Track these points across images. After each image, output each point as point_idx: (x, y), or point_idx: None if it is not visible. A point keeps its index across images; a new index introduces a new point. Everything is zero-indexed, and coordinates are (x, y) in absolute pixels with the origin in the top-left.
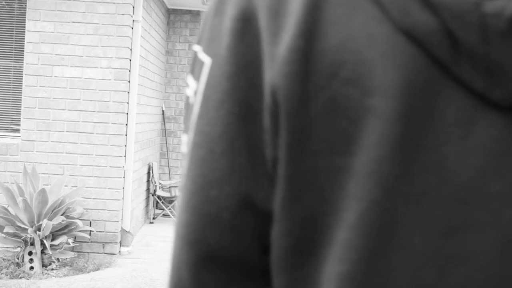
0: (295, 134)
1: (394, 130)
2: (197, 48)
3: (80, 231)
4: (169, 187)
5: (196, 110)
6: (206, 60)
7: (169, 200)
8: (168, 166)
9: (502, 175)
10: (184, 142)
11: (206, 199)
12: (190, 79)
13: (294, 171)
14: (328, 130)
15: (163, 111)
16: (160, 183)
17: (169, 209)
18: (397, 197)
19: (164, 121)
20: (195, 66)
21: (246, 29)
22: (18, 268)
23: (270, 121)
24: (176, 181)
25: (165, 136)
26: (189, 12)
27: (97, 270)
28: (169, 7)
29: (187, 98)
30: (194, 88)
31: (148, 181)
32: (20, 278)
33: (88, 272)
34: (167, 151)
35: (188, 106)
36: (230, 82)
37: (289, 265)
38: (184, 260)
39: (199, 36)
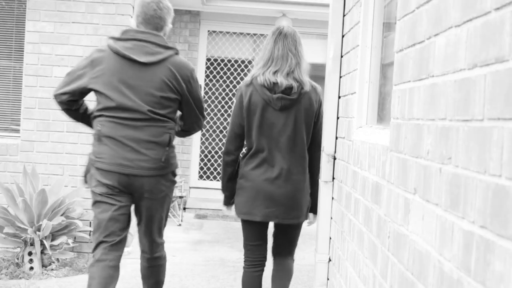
0: (247, 111)
1: (263, 116)
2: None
3: (80, 231)
4: None
5: (233, 108)
6: (236, 100)
7: None
8: None
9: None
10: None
11: (233, 132)
12: (234, 103)
13: (247, 115)
14: (250, 111)
15: None
16: None
17: None
18: (266, 130)
19: None
20: (235, 101)
21: (241, 96)
22: (18, 268)
23: (241, 108)
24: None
25: None
26: (189, 12)
27: None
28: None
29: (233, 108)
30: (234, 106)
31: None
32: (20, 278)
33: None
34: None
35: (234, 107)
36: (238, 102)
37: (247, 135)
38: (230, 135)
39: (236, 98)
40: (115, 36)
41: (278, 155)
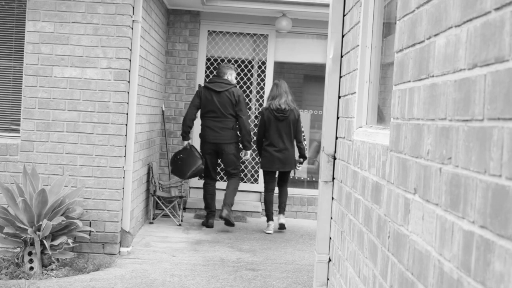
0: (266, 122)
1: (273, 123)
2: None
3: (80, 231)
4: (169, 187)
5: (260, 121)
6: (260, 117)
7: (169, 201)
8: (168, 166)
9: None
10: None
11: (260, 131)
12: (260, 118)
13: (266, 124)
14: (267, 122)
15: (163, 111)
16: (160, 184)
17: (169, 209)
18: (275, 130)
19: (164, 121)
20: (260, 117)
21: (263, 115)
22: (18, 268)
23: (263, 121)
24: (175, 181)
25: (165, 137)
26: (188, 12)
27: (97, 270)
28: (169, 7)
29: (259, 119)
30: (260, 120)
31: (148, 181)
32: (20, 278)
33: (88, 273)
34: (167, 151)
35: (260, 121)
36: (261, 118)
37: (265, 133)
38: (259, 134)
39: (260, 115)
40: (206, 81)
41: (280, 141)
